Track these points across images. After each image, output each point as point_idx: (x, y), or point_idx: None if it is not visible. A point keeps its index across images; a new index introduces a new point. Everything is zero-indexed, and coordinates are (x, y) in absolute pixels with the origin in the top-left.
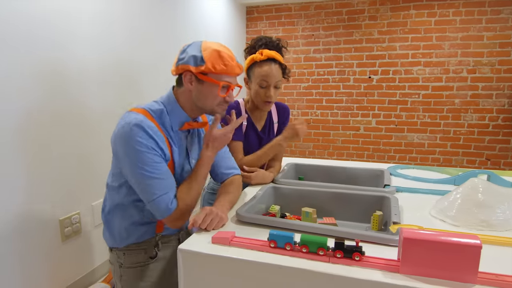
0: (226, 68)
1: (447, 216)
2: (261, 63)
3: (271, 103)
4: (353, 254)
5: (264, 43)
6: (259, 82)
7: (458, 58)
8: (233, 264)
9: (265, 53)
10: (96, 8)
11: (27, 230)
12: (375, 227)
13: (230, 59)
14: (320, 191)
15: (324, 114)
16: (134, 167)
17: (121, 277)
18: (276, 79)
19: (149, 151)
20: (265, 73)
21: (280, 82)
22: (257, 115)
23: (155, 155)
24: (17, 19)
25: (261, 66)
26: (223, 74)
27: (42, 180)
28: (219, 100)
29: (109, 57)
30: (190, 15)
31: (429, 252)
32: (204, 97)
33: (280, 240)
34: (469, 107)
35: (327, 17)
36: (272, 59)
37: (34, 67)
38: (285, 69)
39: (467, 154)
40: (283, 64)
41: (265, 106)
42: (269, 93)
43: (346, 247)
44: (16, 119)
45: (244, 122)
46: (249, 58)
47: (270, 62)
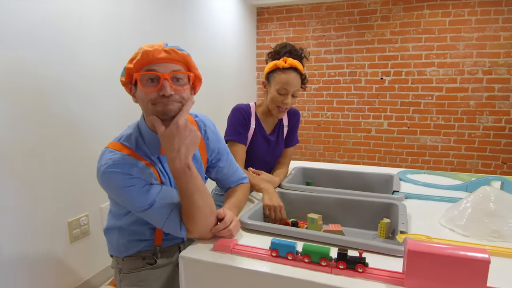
0: (141, 55)
1: (457, 225)
2: (283, 70)
3: (285, 111)
4: (356, 266)
5: (288, 51)
6: (279, 89)
7: (473, 58)
8: (234, 273)
9: (288, 61)
10: (106, 11)
11: (37, 231)
12: (382, 235)
13: (147, 46)
14: (326, 197)
15: (334, 116)
16: (129, 204)
17: (121, 282)
18: (294, 88)
19: (134, 184)
20: (286, 81)
21: (298, 91)
22: (267, 119)
23: (141, 184)
24: (28, 22)
25: (283, 73)
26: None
27: (52, 182)
28: (151, 98)
29: (119, 60)
30: (199, 17)
31: (435, 265)
32: (142, 103)
33: (282, 249)
34: (485, 109)
35: (338, 17)
36: (294, 68)
37: (47, 69)
38: (304, 79)
39: (482, 158)
40: (303, 74)
41: (279, 113)
42: (286, 100)
43: (349, 258)
44: (27, 121)
45: (252, 125)
46: (272, 63)
47: (292, 71)
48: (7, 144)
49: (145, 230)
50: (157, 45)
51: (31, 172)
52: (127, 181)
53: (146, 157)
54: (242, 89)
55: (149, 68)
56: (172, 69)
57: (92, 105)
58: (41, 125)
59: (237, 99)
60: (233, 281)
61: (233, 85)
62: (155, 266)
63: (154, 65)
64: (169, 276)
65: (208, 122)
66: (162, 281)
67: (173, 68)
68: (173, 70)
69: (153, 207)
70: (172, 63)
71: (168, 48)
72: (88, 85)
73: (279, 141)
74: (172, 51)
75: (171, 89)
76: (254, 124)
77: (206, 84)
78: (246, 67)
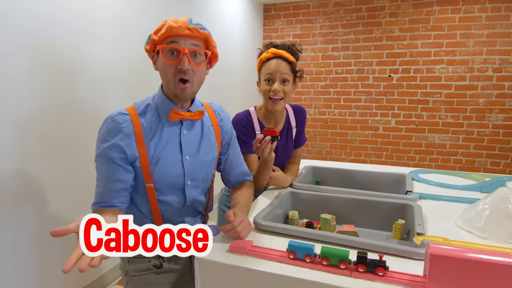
0: (166, 30)
1: (475, 227)
2: (267, 60)
3: (279, 101)
4: (376, 269)
5: (274, 46)
6: (265, 78)
7: (483, 56)
8: (250, 275)
9: (271, 51)
10: (117, 10)
11: (46, 228)
12: (397, 236)
13: (173, 21)
14: (339, 197)
15: (341, 114)
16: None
17: (127, 285)
18: (282, 73)
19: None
20: (269, 68)
21: (287, 75)
22: (270, 120)
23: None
24: (38, 21)
25: (267, 63)
26: (166, 38)
27: (61, 182)
28: (172, 71)
29: (128, 58)
30: (206, 14)
31: (459, 270)
32: (162, 72)
33: (299, 252)
34: (494, 107)
35: (346, 14)
36: (278, 56)
37: (56, 68)
38: (294, 67)
39: (491, 156)
40: (292, 62)
41: (273, 105)
42: (274, 87)
43: (369, 261)
44: (37, 120)
45: (257, 131)
46: (258, 60)
47: (277, 58)
48: (18, 140)
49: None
50: (182, 21)
51: (40, 169)
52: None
53: (145, 123)
54: (248, 86)
55: (172, 41)
56: (191, 44)
57: (104, 103)
58: (49, 122)
59: (243, 96)
60: (250, 284)
61: (240, 82)
62: (161, 270)
63: (176, 38)
64: (177, 282)
65: (223, 109)
66: (169, 286)
67: (193, 43)
68: (193, 46)
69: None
70: (193, 39)
71: (191, 26)
72: (99, 84)
73: (288, 142)
74: (194, 29)
75: (188, 64)
76: (259, 130)
77: (213, 80)
78: (253, 64)
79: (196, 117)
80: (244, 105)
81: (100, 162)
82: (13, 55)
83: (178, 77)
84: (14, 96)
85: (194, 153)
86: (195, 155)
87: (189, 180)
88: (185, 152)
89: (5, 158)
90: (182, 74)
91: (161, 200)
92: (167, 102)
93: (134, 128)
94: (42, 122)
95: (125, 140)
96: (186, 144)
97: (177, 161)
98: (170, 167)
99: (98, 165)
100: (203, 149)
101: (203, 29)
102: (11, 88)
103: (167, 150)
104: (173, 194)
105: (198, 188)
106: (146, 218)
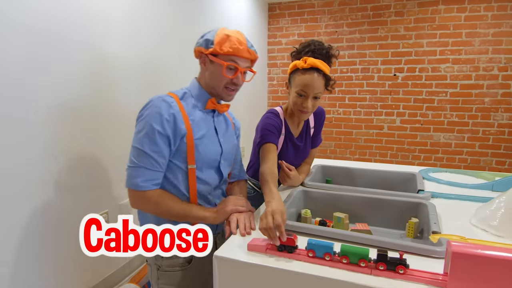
0: (233, 50)
1: (490, 226)
2: (303, 71)
3: (308, 114)
4: (397, 267)
5: (311, 50)
6: (298, 91)
7: (489, 55)
8: (269, 273)
9: (308, 61)
10: (127, 10)
11: (59, 227)
12: (411, 234)
13: (237, 42)
14: (352, 196)
15: (346, 113)
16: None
17: (158, 280)
18: (316, 90)
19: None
20: (305, 83)
21: (320, 93)
22: (293, 121)
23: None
24: (51, 20)
25: (302, 74)
26: (230, 55)
27: (73, 178)
28: (225, 81)
29: (138, 56)
30: (212, 13)
31: (481, 268)
32: (214, 77)
33: (319, 250)
34: (500, 106)
35: (351, 13)
36: (315, 68)
37: (66, 67)
38: (329, 80)
39: (496, 155)
40: (328, 75)
41: (301, 116)
42: (306, 103)
43: (390, 259)
44: (49, 118)
45: (282, 132)
46: (293, 64)
47: (313, 71)
48: (30, 139)
49: (181, 186)
50: (244, 43)
51: (52, 169)
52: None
53: (186, 108)
54: (253, 85)
55: (234, 60)
56: (246, 65)
57: (115, 104)
58: (59, 122)
59: (248, 95)
60: (269, 281)
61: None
62: (191, 266)
63: (238, 59)
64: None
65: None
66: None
67: (247, 65)
68: (247, 67)
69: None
70: (248, 60)
71: (251, 50)
72: (110, 84)
73: (306, 144)
74: (252, 54)
75: (241, 81)
76: (284, 131)
77: None
78: (258, 63)
79: (225, 108)
80: (249, 104)
81: (149, 137)
82: (25, 55)
83: (229, 86)
84: (25, 97)
85: (225, 136)
86: (226, 138)
87: (223, 159)
88: (220, 135)
89: (17, 156)
90: (234, 85)
91: (200, 178)
92: (204, 93)
93: (180, 109)
94: (54, 120)
95: (176, 117)
96: (219, 128)
97: (216, 141)
98: (212, 145)
99: (146, 139)
100: (229, 135)
101: (256, 52)
102: (22, 88)
103: (207, 131)
104: (210, 172)
105: (227, 168)
106: (183, 196)
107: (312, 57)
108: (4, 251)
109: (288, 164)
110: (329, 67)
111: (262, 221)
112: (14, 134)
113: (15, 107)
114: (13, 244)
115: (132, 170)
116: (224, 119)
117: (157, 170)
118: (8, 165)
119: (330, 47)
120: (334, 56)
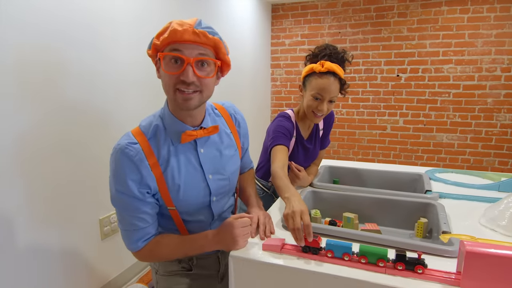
0: (169, 34)
1: (499, 225)
2: (320, 74)
3: (322, 117)
4: (415, 267)
5: (327, 54)
6: (314, 94)
7: (491, 56)
8: (285, 272)
9: (326, 65)
10: (133, 11)
11: (70, 228)
12: (420, 234)
13: (177, 24)
14: (360, 196)
15: (349, 113)
16: (110, 186)
17: (157, 284)
18: (332, 94)
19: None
20: (322, 86)
21: (335, 97)
22: (304, 124)
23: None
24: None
25: (320, 78)
26: (169, 43)
27: (84, 180)
28: (172, 80)
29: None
30: (217, 14)
31: (495, 267)
32: (163, 83)
33: (337, 250)
34: (503, 106)
35: (354, 14)
36: (332, 72)
37: (72, 69)
38: (343, 84)
39: (499, 155)
40: (343, 79)
41: (315, 119)
42: (321, 106)
43: (408, 259)
44: (57, 118)
45: (294, 135)
46: (309, 67)
47: (330, 75)
48: (38, 141)
49: (170, 225)
50: (188, 23)
51: (63, 169)
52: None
53: (157, 150)
54: (257, 86)
55: (175, 48)
56: (198, 53)
57: (121, 105)
58: (70, 122)
59: (252, 96)
60: (285, 281)
61: (249, 82)
62: (191, 274)
63: (180, 45)
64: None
65: (236, 108)
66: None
67: (199, 52)
68: (199, 55)
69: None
70: (200, 45)
71: (198, 30)
72: (118, 86)
73: (316, 146)
74: (202, 34)
75: (193, 76)
76: (295, 134)
77: (222, 80)
78: (261, 64)
79: (211, 133)
80: (253, 105)
81: (121, 201)
82: (30, 55)
83: (179, 87)
84: (30, 97)
85: (217, 170)
86: (218, 172)
87: (214, 197)
88: (207, 172)
89: (25, 160)
90: (185, 86)
91: (187, 220)
92: (176, 122)
93: (147, 159)
94: (61, 122)
95: (141, 173)
96: (206, 163)
97: (200, 182)
98: (195, 190)
99: (119, 204)
100: (226, 162)
101: (213, 33)
102: (28, 88)
103: (187, 175)
104: (199, 213)
105: (224, 198)
106: (177, 232)
107: (329, 61)
108: (14, 252)
109: (297, 165)
110: (343, 71)
111: (289, 221)
112: (19, 134)
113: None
114: (22, 245)
115: (122, 233)
116: (219, 139)
117: (144, 227)
118: (15, 166)
119: (344, 51)
120: (347, 61)
